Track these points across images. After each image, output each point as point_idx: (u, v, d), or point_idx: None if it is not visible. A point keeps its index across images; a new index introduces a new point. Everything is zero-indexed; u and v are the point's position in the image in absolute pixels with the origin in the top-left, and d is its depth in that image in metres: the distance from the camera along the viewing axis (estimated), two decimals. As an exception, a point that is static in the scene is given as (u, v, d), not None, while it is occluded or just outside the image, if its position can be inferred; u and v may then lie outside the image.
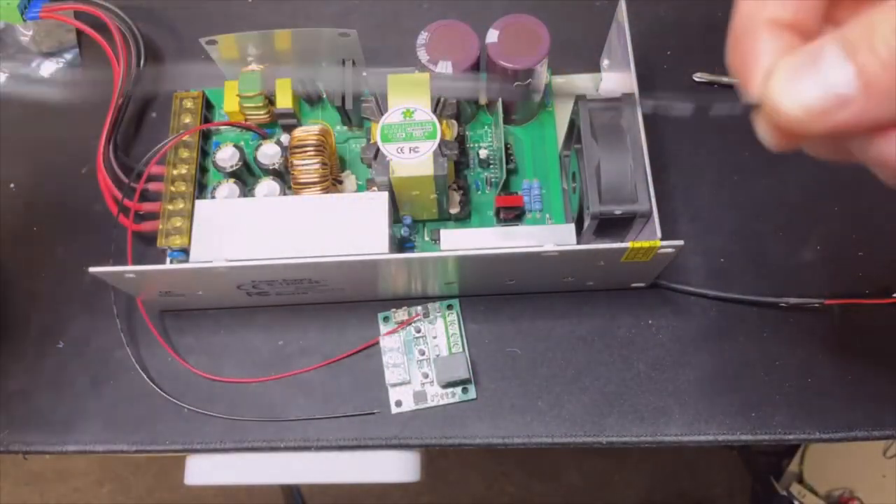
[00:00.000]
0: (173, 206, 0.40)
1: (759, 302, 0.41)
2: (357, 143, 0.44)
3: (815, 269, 0.42)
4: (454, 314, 0.41)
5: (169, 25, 0.49)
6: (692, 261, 0.42)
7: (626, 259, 0.34)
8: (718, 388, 0.39)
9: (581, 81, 0.46)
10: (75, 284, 0.43)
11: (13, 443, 0.39)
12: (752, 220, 0.43)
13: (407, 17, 0.49)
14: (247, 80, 0.41)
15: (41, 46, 0.48)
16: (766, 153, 0.48)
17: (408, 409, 0.39)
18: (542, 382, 0.40)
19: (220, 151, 0.40)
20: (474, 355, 0.40)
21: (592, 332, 0.41)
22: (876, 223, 0.43)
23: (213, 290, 0.38)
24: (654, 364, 0.40)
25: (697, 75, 0.46)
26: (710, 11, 0.48)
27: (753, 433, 0.39)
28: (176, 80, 0.47)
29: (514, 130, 0.44)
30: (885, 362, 0.40)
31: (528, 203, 0.42)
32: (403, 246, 0.41)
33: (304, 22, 0.49)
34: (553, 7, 0.48)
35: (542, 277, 0.38)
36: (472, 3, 0.49)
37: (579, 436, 0.39)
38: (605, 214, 0.35)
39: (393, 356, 0.40)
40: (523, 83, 0.39)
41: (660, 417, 0.39)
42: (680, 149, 0.44)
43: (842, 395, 0.39)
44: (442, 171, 0.36)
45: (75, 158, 0.46)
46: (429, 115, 0.37)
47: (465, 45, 0.39)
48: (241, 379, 0.40)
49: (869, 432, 0.38)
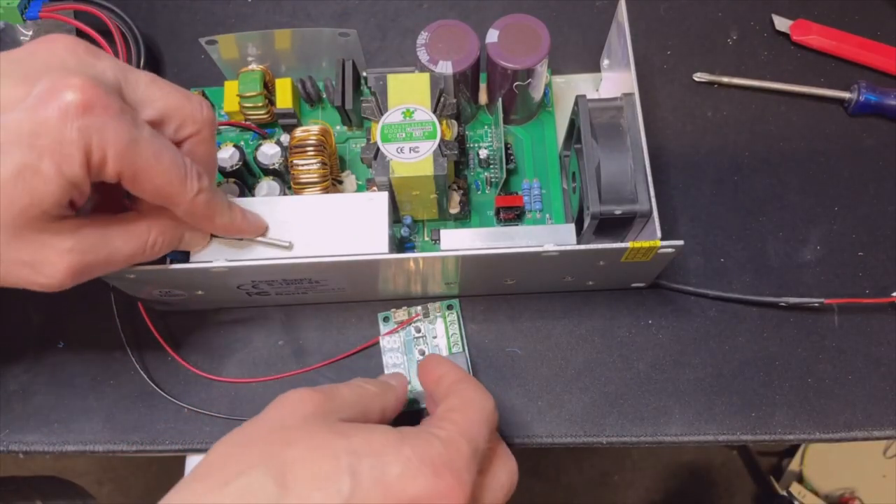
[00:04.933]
0: (173, 206, 0.40)
1: (759, 302, 0.41)
2: (357, 143, 0.44)
3: (815, 269, 0.42)
4: (454, 314, 0.41)
5: (169, 25, 0.49)
6: (692, 261, 0.42)
7: (626, 259, 0.34)
8: (718, 388, 0.39)
9: (581, 81, 0.46)
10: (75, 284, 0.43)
11: (13, 442, 0.39)
12: (752, 220, 0.43)
13: (407, 17, 0.49)
14: (247, 80, 0.41)
15: (41, 46, 0.48)
16: (766, 153, 0.49)
17: (408, 409, 0.39)
18: (542, 382, 0.40)
19: (220, 151, 0.40)
20: (474, 355, 0.40)
21: (592, 332, 0.41)
22: (876, 223, 0.43)
23: (213, 290, 0.37)
24: (654, 364, 0.40)
25: (697, 75, 0.46)
26: (710, 11, 0.48)
27: (753, 433, 0.39)
28: (176, 80, 0.47)
29: (514, 130, 0.44)
30: (885, 362, 0.40)
31: (528, 203, 0.42)
32: (403, 246, 0.41)
33: (304, 22, 0.49)
34: (553, 7, 0.48)
35: (542, 277, 0.38)
36: (472, 3, 0.49)
37: (579, 436, 0.39)
38: (605, 214, 0.35)
39: (393, 356, 0.40)
40: (523, 83, 0.39)
41: (660, 417, 0.39)
42: (680, 149, 0.45)
43: (842, 395, 0.39)
44: (442, 171, 0.36)
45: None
46: (429, 115, 0.37)
47: (465, 45, 0.39)
48: (241, 379, 0.40)
49: (869, 432, 0.38)
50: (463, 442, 0.27)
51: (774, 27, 0.47)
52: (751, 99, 0.46)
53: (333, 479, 0.25)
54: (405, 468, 0.26)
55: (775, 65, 0.47)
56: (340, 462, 0.25)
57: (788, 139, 0.45)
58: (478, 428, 0.29)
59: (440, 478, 0.26)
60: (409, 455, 0.26)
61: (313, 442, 0.26)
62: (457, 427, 0.28)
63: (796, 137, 0.45)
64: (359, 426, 0.28)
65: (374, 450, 0.26)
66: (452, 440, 0.27)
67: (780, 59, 0.47)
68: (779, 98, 0.46)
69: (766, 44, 0.47)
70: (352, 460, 0.25)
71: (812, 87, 0.45)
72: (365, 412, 0.31)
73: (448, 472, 0.26)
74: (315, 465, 0.25)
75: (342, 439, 0.26)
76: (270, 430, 0.28)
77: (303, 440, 0.26)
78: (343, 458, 0.26)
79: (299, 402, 0.29)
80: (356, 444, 0.26)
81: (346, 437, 0.27)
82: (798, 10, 0.48)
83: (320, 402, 0.29)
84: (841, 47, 0.46)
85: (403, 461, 0.26)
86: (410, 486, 0.25)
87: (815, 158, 0.44)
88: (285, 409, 0.28)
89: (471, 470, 0.27)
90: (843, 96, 0.45)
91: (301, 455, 0.26)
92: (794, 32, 0.47)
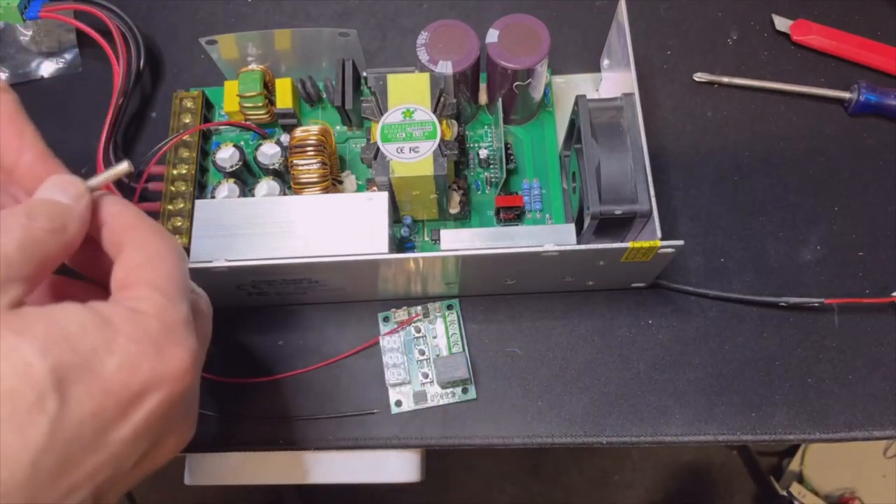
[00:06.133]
0: (173, 206, 0.40)
1: (759, 302, 0.41)
2: (357, 143, 0.44)
3: (815, 269, 0.42)
4: (454, 314, 0.41)
5: (169, 25, 0.49)
6: (692, 261, 0.42)
7: (626, 259, 0.34)
8: (718, 388, 0.39)
9: (581, 81, 0.46)
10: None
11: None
12: (752, 220, 0.43)
13: (407, 17, 0.49)
14: (247, 80, 0.41)
15: (41, 46, 0.48)
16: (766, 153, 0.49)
17: (408, 409, 0.39)
18: (542, 382, 0.40)
19: (220, 151, 0.40)
20: (474, 355, 0.40)
21: (592, 332, 0.41)
22: (876, 223, 0.43)
23: (212, 290, 0.37)
24: (654, 364, 0.40)
25: (697, 75, 0.46)
26: (710, 11, 0.48)
27: (753, 433, 0.39)
28: (176, 80, 0.47)
29: (514, 130, 0.44)
30: (884, 362, 0.40)
31: (528, 203, 0.42)
32: (403, 246, 0.41)
33: (304, 22, 0.49)
34: (553, 7, 0.48)
35: (542, 277, 0.38)
36: (472, 3, 0.49)
37: (579, 436, 0.39)
38: (605, 214, 0.35)
39: (393, 356, 0.40)
40: (523, 83, 0.39)
41: (660, 417, 0.39)
42: (680, 149, 0.44)
43: (842, 395, 0.39)
44: (442, 171, 0.36)
45: (75, 158, 0.45)
46: (429, 115, 0.37)
47: (465, 45, 0.39)
48: (241, 379, 0.40)
49: (869, 432, 0.38)
50: (171, 306, 0.24)
51: (774, 27, 0.47)
52: (751, 99, 0.46)
53: (31, 404, 0.20)
54: (122, 359, 0.22)
55: (775, 65, 0.47)
56: (33, 375, 0.20)
57: (788, 139, 0.45)
58: (179, 285, 0.25)
59: (166, 353, 0.23)
60: (124, 343, 0.22)
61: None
62: (159, 292, 0.24)
63: (796, 137, 0.45)
64: (40, 312, 0.22)
65: (75, 346, 0.21)
66: (162, 309, 0.23)
67: (780, 59, 0.47)
68: (779, 98, 0.46)
69: (766, 44, 0.47)
70: (48, 367, 0.20)
71: (812, 87, 0.45)
72: (42, 266, 0.23)
73: (173, 344, 0.23)
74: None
75: (25, 340, 0.20)
76: None
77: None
78: (36, 367, 0.20)
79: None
80: (47, 344, 0.21)
81: (28, 335, 0.21)
82: (798, 10, 0.48)
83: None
84: (841, 47, 0.46)
85: (120, 352, 0.22)
86: (134, 377, 0.22)
87: (815, 158, 0.44)
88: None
89: (191, 331, 0.24)
90: (843, 96, 0.45)
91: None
92: (794, 32, 0.47)
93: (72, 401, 0.21)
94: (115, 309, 0.23)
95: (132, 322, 0.23)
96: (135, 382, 0.22)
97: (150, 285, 0.24)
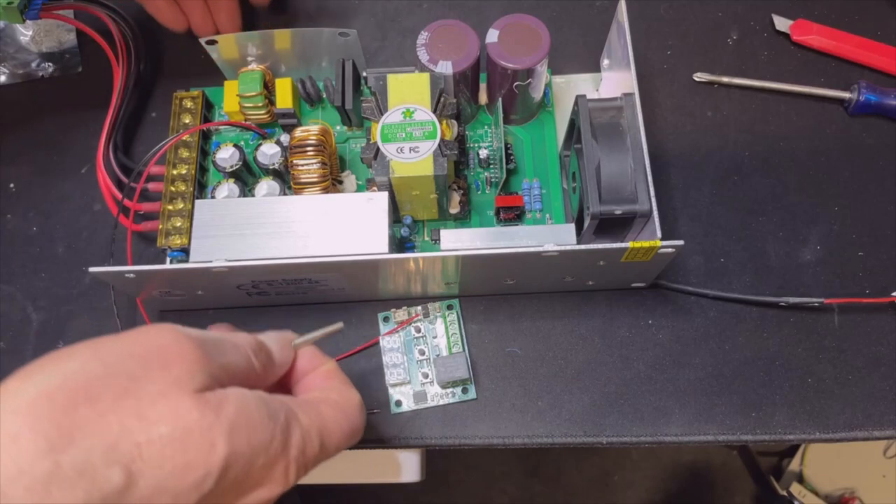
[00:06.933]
0: (173, 206, 0.40)
1: (759, 302, 0.41)
2: (357, 143, 0.44)
3: (815, 269, 0.42)
4: (454, 314, 0.41)
5: (169, 25, 0.49)
6: (692, 261, 0.42)
7: (626, 259, 0.34)
8: (718, 388, 0.39)
9: (581, 81, 0.46)
10: (75, 284, 0.43)
11: (13, 443, 0.39)
12: (752, 220, 0.43)
13: (407, 17, 0.49)
14: (247, 80, 0.41)
15: (41, 46, 0.48)
16: (766, 153, 0.49)
17: (408, 409, 0.39)
18: (542, 382, 0.40)
19: (219, 151, 0.40)
20: (474, 355, 0.40)
21: (592, 332, 0.41)
22: (876, 223, 0.43)
23: (213, 290, 0.37)
24: (654, 364, 0.40)
25: (697, 75, 0.46)
26: (710, 11, 0.48)
27: (753, 433, 0.39)
28: (176, 80, 0.47)
29: (514, 130, 0.44)
30: (884, 362, 0.40)
31: (528, 203, 0.42)
32: (403, 246, 0.41)
33: (304, 22, 0.49)
34: (553, 7, 0.48)
35: (541, 277, 0.38)
36: (472, 3, 0.49)
37: (579, 436, 0.39)
38: (605, 214, 0.35)
39: (393, 356, 0.40)
40: (523, 83, 0.39)
41: (660, 417, 0.39)
42: (680, 149, 0.45)
43: (842, 394, 0.39)
44: (442, 171, 0.36)
45: (75, 158, 0.46)
46: (429, 115, 0.37)
47: (465, 45, 0.39)
48: (241, 379, 0.40)
49: (869, 432, 0.38)
50: (316, 440, 0.27)
51: (774, 27, 0.47)
52: (751, 99, 0.46)
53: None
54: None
55: (775, 65, 0.47)
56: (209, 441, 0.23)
57: (788, 139, 0.45)
58: (336, 439, 0.29)
59: (249, 449, 0.24)
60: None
61: (179, 421, 0.22)
62: (321, 421, 0.28)
63: (796, 137, 0.45)
64: (229, 395, 0.25)
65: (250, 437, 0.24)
66: (308, 433, 0.27)
67: (780, 59, 0.47)
68: (779, 98, 0.46)
69: (766, 44, 0.47)
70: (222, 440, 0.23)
71: (812, 87, 0.45)
72: (234, 378, 0.27)
73: (278, 458, 0.25)
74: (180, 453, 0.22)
75: (212, 414, 0.23)
76: (129, 379, 0.23)
77: (167, 416, 0.22)
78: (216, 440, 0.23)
79: (172, 358, 0.24)
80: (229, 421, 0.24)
81: (216, 412, 0.23)
82: (798, 10, 0.48)
83: (195, 361, 0.24)
84: (841, 47, 0.46)
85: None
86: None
87: (815, 158, 0.44)
88: (153, 367, 0.23)
89: (298, 471, 0.27)
90: (843, 96, 0.45)
91: (166, 433, 0.22)
92: (794, 32, 0.47)
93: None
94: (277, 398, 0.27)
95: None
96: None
97: (319, 414, 0.28)
